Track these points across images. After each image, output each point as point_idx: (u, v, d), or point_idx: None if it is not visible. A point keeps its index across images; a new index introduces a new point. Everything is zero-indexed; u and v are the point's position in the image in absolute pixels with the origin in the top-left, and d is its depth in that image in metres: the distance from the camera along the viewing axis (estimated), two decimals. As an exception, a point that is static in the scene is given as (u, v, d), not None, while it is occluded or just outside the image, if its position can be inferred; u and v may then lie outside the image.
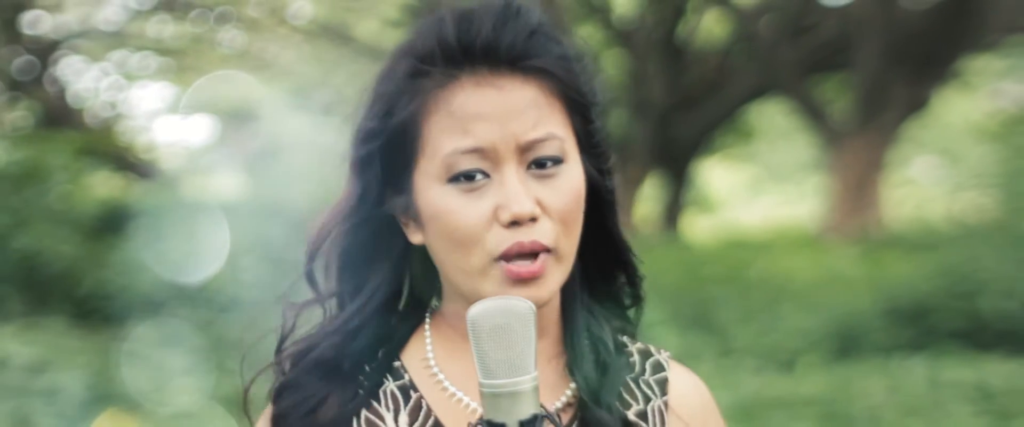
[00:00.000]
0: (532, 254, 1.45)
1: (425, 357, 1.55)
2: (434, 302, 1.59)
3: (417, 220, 1.50)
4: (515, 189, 1.44)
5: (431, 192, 1.47)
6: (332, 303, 1.57)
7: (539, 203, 1.46)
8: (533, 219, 1.45)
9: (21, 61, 17.18)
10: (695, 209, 21.83)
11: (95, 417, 7.14)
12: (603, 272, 1.58)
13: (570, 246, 1.49)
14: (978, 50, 15.45)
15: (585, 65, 1.52)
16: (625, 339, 1.59)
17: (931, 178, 22.16)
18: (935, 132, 19.96)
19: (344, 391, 1.52)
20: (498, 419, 1.37)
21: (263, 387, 1.59)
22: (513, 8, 1.48)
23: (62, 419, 7.19)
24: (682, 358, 1.64)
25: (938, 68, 14.71)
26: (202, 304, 9.86)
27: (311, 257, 1.56)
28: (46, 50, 17.75)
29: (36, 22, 17.65)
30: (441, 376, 1.53)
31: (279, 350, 1.57)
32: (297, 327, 1.58)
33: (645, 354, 1.58)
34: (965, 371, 7.65)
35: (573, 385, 1.52)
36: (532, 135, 1.46)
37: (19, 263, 9.29)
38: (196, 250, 10.54)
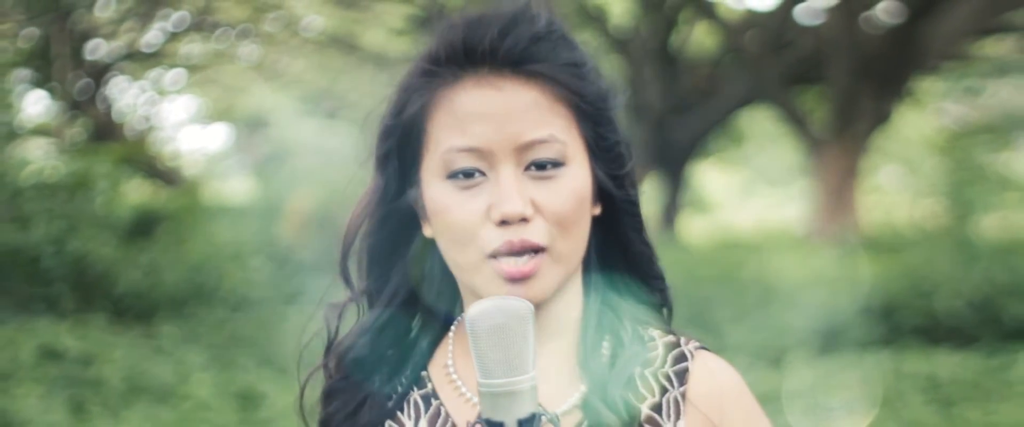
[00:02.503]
0: (522, 253, 1.38)
1: (446, 364, 1.50)
2: (461, 314, 1.53)
3: (425, 213, 1.46)
4: (507, 189, 1.38)
5: (433, 187, 1.43)
6: (365, 301, 1.53)
7: (534, 204, 1.39)
8: (524, 220, 1.38)
9: (81, 83, 17.84)
10: (692, 210, 21.70)
11: (132, 407, 7.21)
12: (623, 273, 1.50)
13: (568, 247, 1.41)
14: (924, 72, 15.77)
15: (597, 72, 1.45)
16: (654, 333, 1.49)
17: (896, 186, 22.25)
18: (897, 143, 20.26)
19: (379, 395, 1.49)
20: (496, 418, 1.31)
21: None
22: (522, 14, 1.43)
23: (106, 408, 7.30)
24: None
25: (895, 86, 14.85)
26: (217, 303, 9.95)
27: (345, 254, 1.51)
28: (100, 72, 18.39)
29: (96, 48, 18.31)
30: (459, 381, 1.48)
31: (327, 352, 1.54)
32: (340, 328, 1.54)
33: (671, 346, 1.49)
34: (920, 364, 7.88)
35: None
36: (530, 136, 1.39)
37: (72, 265, 9.42)
38: (211, 252, 10.61)
